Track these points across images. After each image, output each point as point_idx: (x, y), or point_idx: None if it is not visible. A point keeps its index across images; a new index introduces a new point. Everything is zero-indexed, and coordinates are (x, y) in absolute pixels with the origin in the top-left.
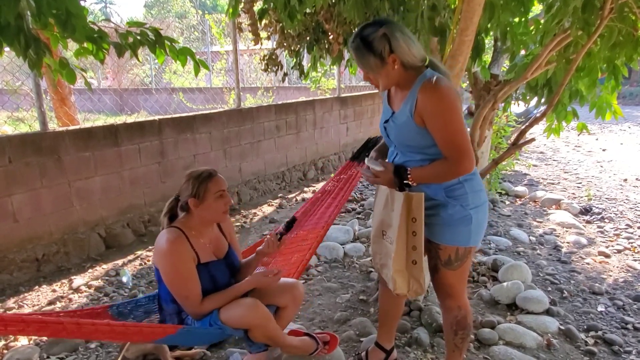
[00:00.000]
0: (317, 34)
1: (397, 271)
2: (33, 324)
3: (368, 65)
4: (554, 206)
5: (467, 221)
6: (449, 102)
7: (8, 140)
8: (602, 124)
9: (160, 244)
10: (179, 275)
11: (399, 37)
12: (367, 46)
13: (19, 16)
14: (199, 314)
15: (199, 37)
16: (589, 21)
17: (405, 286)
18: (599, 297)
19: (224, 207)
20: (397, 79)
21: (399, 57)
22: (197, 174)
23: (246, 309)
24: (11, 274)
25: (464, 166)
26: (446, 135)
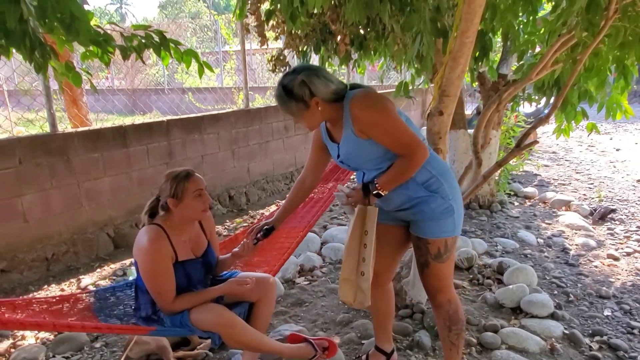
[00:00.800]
0: (324, 35)
1: (345, 279)
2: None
3: (291, 112)
4: (563, 207)
5: (449, 212)
6: (378, 108)
7: (18, 142)
8: (617, 123)
9: (140, 241)
10: (155, 273)
11: (316, 82)
12: (288, 94)
13: (23, 20)
14: (169, 310)
15: (212, 36)
16: (594, 21)
17: (351, 295)
18: (606, 301)
19: (203, 205)
20: (325, 116)
21: (320, 98)
22: (175, 174)
23: (213, 314)
24: (21, 273)
25: (419, 156)
26: (391, 138)
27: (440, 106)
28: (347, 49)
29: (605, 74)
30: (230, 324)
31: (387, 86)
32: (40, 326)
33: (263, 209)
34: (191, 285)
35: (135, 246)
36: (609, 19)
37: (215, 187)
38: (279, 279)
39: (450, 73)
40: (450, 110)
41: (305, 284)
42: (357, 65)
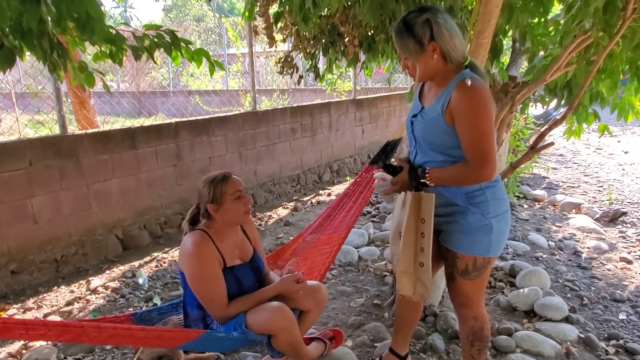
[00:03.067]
0: (332, 37)
1: (403, 272)
2: (54, 328)
3: (407, 50)
4: (574, 210)
5: (487, 230)
6: (482, 105)
7: (29, 143)
8: (625, 126)
9: (185, 247)
10: (204, 277)
11: (442, 25)
12: (408, 30)
13: (42, 21)
14: (223, 318)
15: (216, 40)
16: (610, 22)
17: (410, 288)
18: (621, 305)
19: (244, 207)
20: (434, 70)
21: (439, 46)
22: (211, 178)
23: (272, 313)
24: (31, 274)
25: (485, 172)
26: (472, 137)
27: None
28: (356, 50)
29: (617, 76)
30: (293, 322)
31: (394, 88)
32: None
33: (270, 211)
34: (243, 292)
35: (180, 255)
36: (626, 19)
37: None
38: None
39: None
40: None
41: None
42: (365, 67)
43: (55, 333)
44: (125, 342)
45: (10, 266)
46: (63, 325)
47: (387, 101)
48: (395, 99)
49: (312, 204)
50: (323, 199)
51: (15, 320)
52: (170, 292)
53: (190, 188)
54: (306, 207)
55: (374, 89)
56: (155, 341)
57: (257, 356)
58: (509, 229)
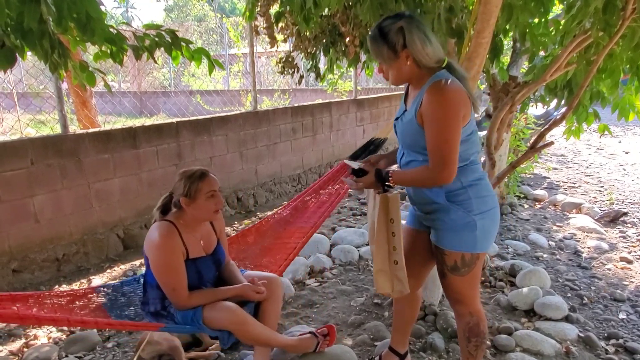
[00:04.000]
0: (333, 37)
1: (379, 271)
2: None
3: (381, 56)
4: (574, 210)
5: (471, 227)
6: (449, 109)
7: (30, 142)
8: (625, 126)
9: (152, 236)
10: (168, 268)
11: (415, 34)
12: (382, 37)
13: (42, 21)
14: (184, 306)
15: (217, 40)
16: (610, 22)
17: (388, 286)
18: (621, 304)
19: (215, 206)
20: (408, 75)
21: (411, 53)
22: (190, 173)
23: (225, 313)
24: (32, 273)
25: (442, 176)
26: (435, 141)
27: None
28: (357, 50)
29: (618, 75)
30: (243, 322)
31: (395, 88)
32: (55, 322)
33: (271, 210)
34: (202, 283)
35: (146, 242)
36: (626, 19)
37: (223, 188)
38: (289, 280)
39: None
40: None
41: (315, 286)
42: (366, 67)
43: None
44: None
45: (12, 265)
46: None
47: (388, 101)
48: (396, 99)
49: None
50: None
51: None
52: None
53: None
54: None
55: (375, 89)
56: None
57: None
58: (496, 225)
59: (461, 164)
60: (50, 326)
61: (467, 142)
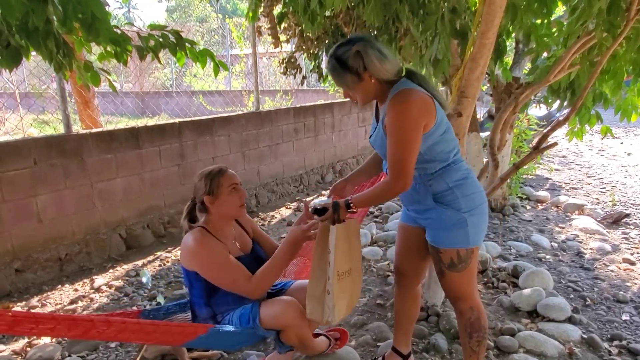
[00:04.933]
0: (336, 37)
1: (311, 296)
2: (64, 322)
3: (345, 84)
4: (576, 211)
5: (461, 224)
6: (404, 120)
7: (34, 142)
8: (628, 128)
9: (188, 245)
10: (219, 265)
11: (371, 54)
12: (342, 65)
13: (48, 21)
14: (254, 292)
15: (219, 40)
16: (615, 23)
17: (319, 312)
18: (624, 306)
19: (239, 200)
20: (374, 93)
21: (372, 73)
22: (208, 172)
23: (283, 308)
24: (35, 273)
25: (398, 186)
26: (392, 152)
27: (458, 107)
28: None
29: (621, 77)
30: (303, 317)
31: None
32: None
33: (273, 211)
34: None
35: (184, 255)
36: (630, 20)
37: None
38: None
39: (470, 74)
40: (469, 111)
41: None
42: None
43: (64, 327)
44: (134, 337)
45: (15, 264)
46: (72, 319)
47: None
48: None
49: None
50: None
51: (25, 314)
52: (173, 290)
53: (193, 188)
54: None
55: None
56: (164, 336)
57: (260, 355)
58: (486, 219)
59: (443, 164)
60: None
61: (442, 141)
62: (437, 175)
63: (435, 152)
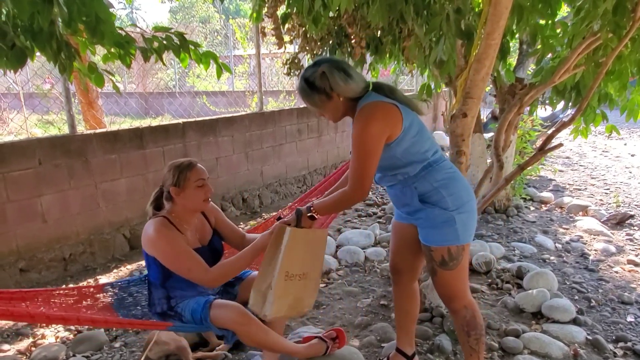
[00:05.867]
0: (339, 38)
1: (257, 290)
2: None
3: (315, 104)
4: (580, 212)
5: (450, 222)
6: (364, 133)
7: (38, 143)
8: (631, 129)
9: (148, 232)
10: (175, 254)
11: (336, 75)
12: (310, 87)
13: (52, 22)
14: (209, 282)
15: (222, 41)
16: (620, 24)
17: (260, 305)
18: (629, 307)
19: (204, 195)
20: (345, 109)
21: (338, 93)
22: (178, 164)
23: (230, 313)
24: (39, 272)
25: (356, 195)
26: (352, 162)
27: (464, 108)
28: (363, 52)
29: (626, 78)
30: (247, 322)
31: (400, 90)
32: (65, 320)
33: (276, 211)
34: None
35: (144, 240)
36: (635, 21)
37: (229, 189)
38: None
39: (475, 75)
40: (474, 112)
41: (321, 287)
42: (372, 68)
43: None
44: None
45: (19, 264)
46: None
47: None
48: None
49: None
50: None
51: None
52: None
53: None
54: None
55: None
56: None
57: None
58: (474, 216)
59: (423, 164)
60: (59, 325)
61: (417, 143)
62: (420, 177)
63: (411, 155)
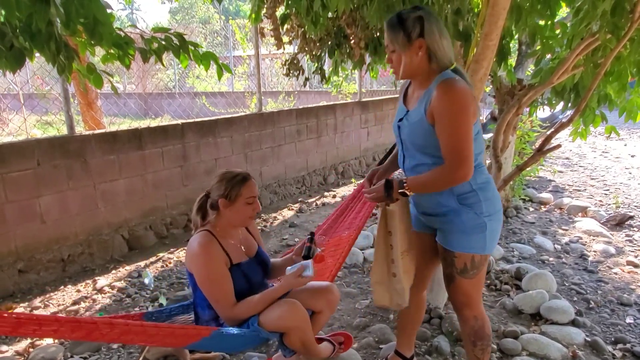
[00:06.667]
0: (338, 39)
1: (377, 283)
2: (67, 324)
3: (396, 42)
4: (580, 214)
5: (481, 228)
6: (461, 105)
7: (37, 143)
8: (631, 129)
9: (192, 248)
10: (212, 278)
11: (434, 24)
12: (400, 22)
13: (50, 23)
14: (231, 318)
15: (222, 42)
16: (619, 25)
17: (387, 298)
18: (628, 308)
19: (252, 212)
20: (417, 68)
21: (427, 43)
22: (232, 176)
23: (285, 310)
24: (38, 273)
25: (460, 174)
26: (450, 137)
27: None
28: (362, 52)
29: (626, 78)
30: (306, 320)
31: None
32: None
33: (275, 212)
34: (252, 287)
35: (187, 255)
36: (634, 22)
37: None
38: None
39: (473, 76)
40: None
41: None
42: (370, 69)
43: (68, 329)
44: (137, 339)
45: (18, 265)
46: (75, 321)
47: (392, 103)
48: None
49: (317, 205)
50: (328, 200)
51: (28, 316)
52: (175, 292)
53: (196, 189)
54: (311, 208)
55: (379, 92)
56: (167, 339)
57: (263, 357)
58: (501, 226)
59: None
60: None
61: (475, 141)
62: None
63: None
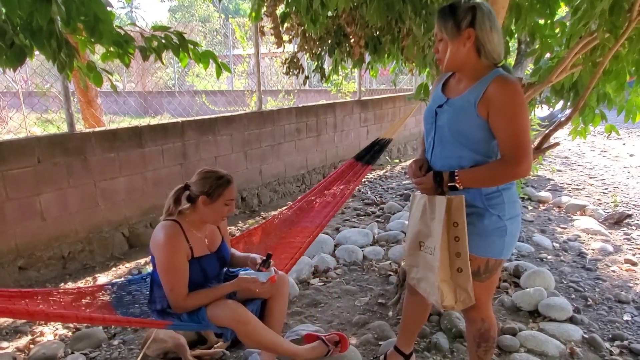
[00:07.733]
0: (338, 37)
1: (443, 281)
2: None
3: (445, 29)
4: (578, 212)
5: (501, 232)
6: (521, 100)
7: (37, 141)
8: (630, 129)
9: (158, 235)
10: (170, 269)
11: (486, 16)
12: (451, 10)
13: (51, 20)
14: (180, 307)
15: (222, 40)
16: (617, 23)
17: (452, 297)
18: (625, 306)
19: (226, 213)
20: (463, 60)
21: (477, 35)
22: (217, 176)
23: (226, 310)
24: (38, 271)
25: (522, 169)
26: (512, 131)
27: None
28: (361, 51)
29: (624, 77)
30: (245, 321)
31: (399, 89)
32: (64, 318)
33: (275, 210)
34: (207, 280)
35: (152, 240)
36: (632, 21)
37: None
38: (294, 279)
39: None
40: None
41: (319, 285)
42: (370, 67)
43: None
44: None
45: (18, 262)
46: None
47: (392, 102)
48: (400, 100)
49: None
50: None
51: None
52: None
53: None
54: None
55: (379, 90)
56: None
57: None
58: (519, 231)
59: None
60: (57, 322)
61: None
62: None
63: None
